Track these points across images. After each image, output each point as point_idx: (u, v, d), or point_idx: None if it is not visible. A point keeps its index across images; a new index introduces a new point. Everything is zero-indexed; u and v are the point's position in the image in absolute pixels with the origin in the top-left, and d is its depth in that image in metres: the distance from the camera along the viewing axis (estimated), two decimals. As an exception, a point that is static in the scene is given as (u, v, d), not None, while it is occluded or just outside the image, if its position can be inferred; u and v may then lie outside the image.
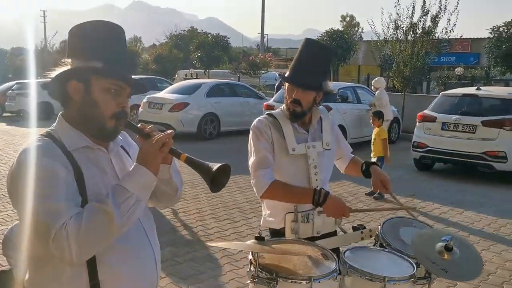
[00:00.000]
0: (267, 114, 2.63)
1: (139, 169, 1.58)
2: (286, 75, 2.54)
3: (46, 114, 17.08)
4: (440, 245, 2.19)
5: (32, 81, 19.04)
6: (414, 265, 2.14)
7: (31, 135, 13.36)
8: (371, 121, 8.14)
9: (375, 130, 7.87)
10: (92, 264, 1.58)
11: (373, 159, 7.51)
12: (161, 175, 1.72)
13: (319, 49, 2.53)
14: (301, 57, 2.49)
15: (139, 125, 1.72)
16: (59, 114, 1.72)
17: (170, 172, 1.78)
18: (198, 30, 43.57)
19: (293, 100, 2.49)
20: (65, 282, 1.57)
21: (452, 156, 8.82)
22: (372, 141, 7.91)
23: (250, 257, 2.07)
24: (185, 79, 20.91)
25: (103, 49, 1.65)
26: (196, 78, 21.38)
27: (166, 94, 13.67)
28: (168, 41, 42.70)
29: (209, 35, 32.70)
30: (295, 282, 1.91)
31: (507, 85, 18.83)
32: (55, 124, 1.70)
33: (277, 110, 2.63)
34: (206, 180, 1.59)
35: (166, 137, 1.62)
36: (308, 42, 2.54)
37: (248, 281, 2.00)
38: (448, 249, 2.16)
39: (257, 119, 2.64)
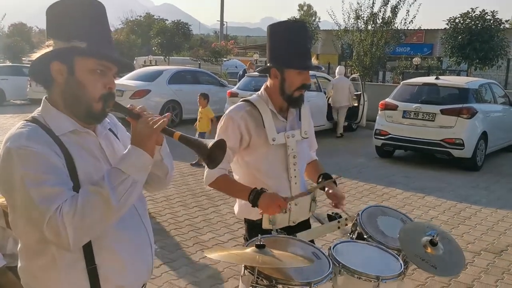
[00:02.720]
0: (244, 100, 2.50)
1: (134, 151, 1.53)
2: (295, 63, 2.39)
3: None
4: (425, 239, 2.25)
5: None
6: (399, 259, 2.17)
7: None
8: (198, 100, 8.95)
9: (201, 109, 8.83)
10: (88, 249, 1.54)
11: (197, 133, 8.49)
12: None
13: (306, 30, 2.49)
14: (299, 42, 2.40)
15: (128, 106, 1.67)
16: (44, 97, 1.64)
17: (161, 154, 1.74)
18: (155, 17, 42.72)
19: (305, 85, 2.42)
20: (62, 268, 1.53)
21: (413, 143, 9.07)
22: (199, 118, 8.86)
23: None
24: (143, 65, 20.45)
25: (86, 28, 1.56)
26: (155, 65, 20.97)
27: (126, 80, 13.29)
28: (124, 27, 41.67)
29: (168, 22, 32.10)
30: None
31: (458, 75, 19.58)
32: (39, 108, 1.63)
33: (254, 96, 2.51)
34: (203, 157, 1.59)
35: (160, 117, 1.59)
36: (300, 26, 2.49)
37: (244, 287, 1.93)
38: (433, 244, 2.21)
39: (233, 106, 2.50)
